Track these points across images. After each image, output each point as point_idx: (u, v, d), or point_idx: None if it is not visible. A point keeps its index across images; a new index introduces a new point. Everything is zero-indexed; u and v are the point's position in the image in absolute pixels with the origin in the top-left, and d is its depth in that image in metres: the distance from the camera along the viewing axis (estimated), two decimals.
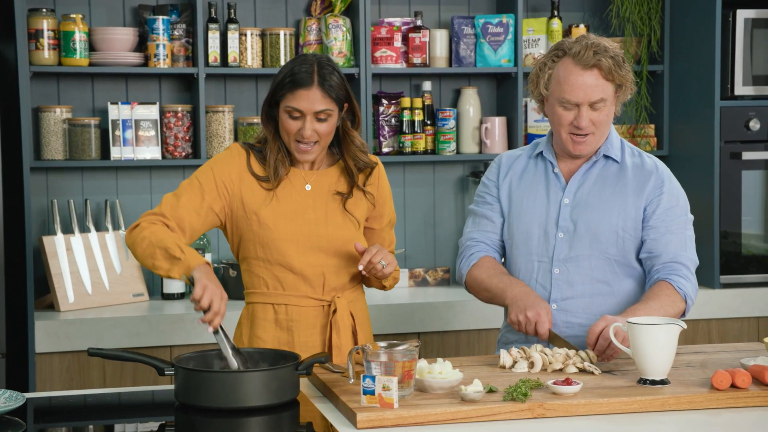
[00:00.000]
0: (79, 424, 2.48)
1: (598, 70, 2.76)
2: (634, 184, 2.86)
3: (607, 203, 2.85)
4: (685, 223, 2.87)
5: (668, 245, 2.81)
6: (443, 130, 4.40)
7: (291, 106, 2.71)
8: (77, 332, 3.75)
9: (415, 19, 4.38)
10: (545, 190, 2.91)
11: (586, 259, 2.84)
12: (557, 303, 2.86)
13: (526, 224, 2.91)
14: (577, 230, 2.85)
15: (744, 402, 2.35)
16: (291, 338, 2.80)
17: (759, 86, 4.27)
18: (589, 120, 2.78)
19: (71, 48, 4.03)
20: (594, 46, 2.76)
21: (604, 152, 2.88)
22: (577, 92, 2.77)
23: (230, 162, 2.80)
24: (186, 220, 2.71)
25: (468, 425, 2.23)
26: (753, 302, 4.25)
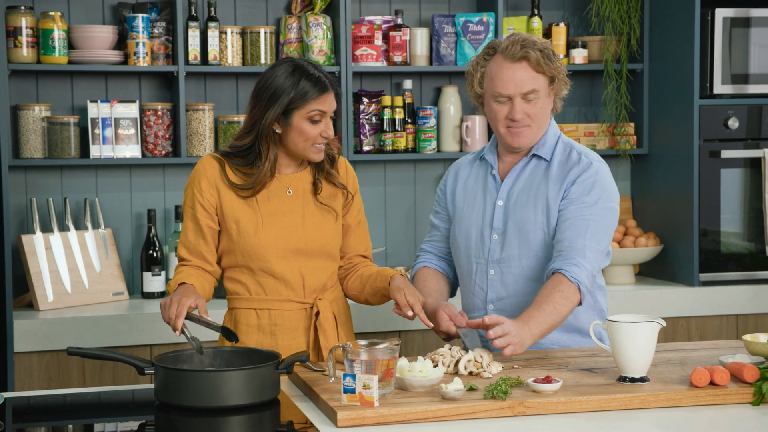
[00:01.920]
0: (59, 423, 2.47)
1: (527, 62, 2.81)
2: (556, 180, 2.88)
3: (533, 202, 2.87)
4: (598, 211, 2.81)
5: (567, 231, 2.79)
6: (424, 128, 4.41)
7: (318, 110, 2.75)
8: (56, 331, 3.74)
9: (395, 18, 4.39)
10: (483, 193, 2.96)
11: (517, 259, 2.87)
12: (494, 303, 2.90)
13: (466, 227, 2.96)
14: (507, 231, 2.88)
15: (723, 399, 2.36)
16: (274, 342, 2.81)
17: (737, 85, 4.29)
18: (523, 112, 2.83)
19: (50, 46, 4.01)
20: (521, 40, 2.83)
21: (535, 151, 2.91)
22: (509, 85, 2.82)
23: (204, 176, 2.82)
24: (201, 250, 2.83)
25: (448, 423, 2.23)
26: (732, 300, 4.27)
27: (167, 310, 2.60)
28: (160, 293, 4.16)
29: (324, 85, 2.76)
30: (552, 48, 2.88)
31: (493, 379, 2.48)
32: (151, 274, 4.14)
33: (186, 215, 2.86)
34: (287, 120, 2.75)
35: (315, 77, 2.75)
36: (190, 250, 2.83)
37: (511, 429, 2.20)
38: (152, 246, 4.16)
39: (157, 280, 4.15)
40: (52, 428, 2.44)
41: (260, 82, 2.79)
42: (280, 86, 2.74)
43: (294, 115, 2.75)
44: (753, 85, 4.30)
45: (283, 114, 2.75)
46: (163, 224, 4.30)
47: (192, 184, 2.84)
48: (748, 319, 4.29)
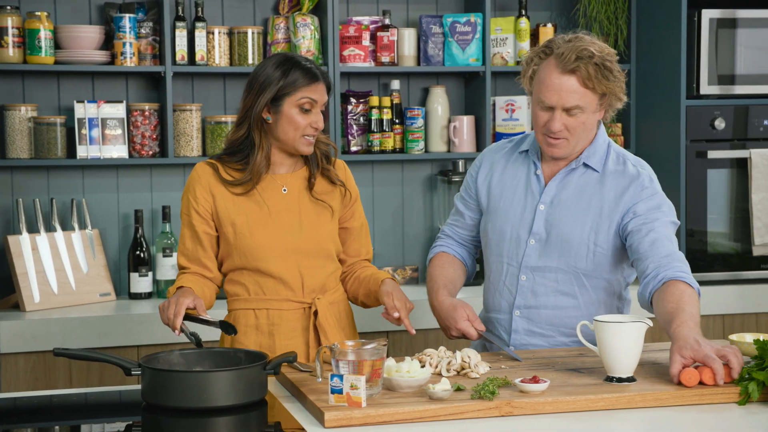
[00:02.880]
0: (45, 424, 2.47)
1: (577, 76, 2.67)
2: (612, 194, 2.78)
3: (582, 215, 2.78)
4: (667, 224, 2.75)
5: (655, 242, 2.68)
6: (412, 128, 4.41)
7: (309, 97, 2.76)
8: (43, 332, 3.72)
9: (383, 18, 4.39)
10: (524, 191, 2.85)
11: (553, 271, 2.80)
12: (520, 310, 2.84)
13: (500, 225, 2.86)
14: (549, 240, 2.79)
15: (709, 399, 2.37)
16: (272, 342, 2.80)
17: (724, 86, 4.30)
18: (562, 124, 2.70)
19: (36, 46, 3.99)
20: (579, 50, 2.66)
21: (585, 160, 2.80)
22: (552, 95, 2.69)
23: (199, 183, 2.83)
24: (199, 257, 2.84)
25: (436, 424, 2.23)
26: (719, 300, 4.28)
27: (166, 311, 2.64)
28: (147, 294, 4.15)
29: (315, 74, 2.77)
30: (612, 60, 2.69)
31: (481, 379, 2.48)
32: (138, 274, 4.13)
33: (183, 223, 2.86)
34: (278, 107, 2.77)
35: (306, 67, 2.78)
36: (188, 258, 2.84)
37: (499, 429, 2.20)
38: (139, 246, 4.15)
39: (144, 281, 4.14)
40: (39, 429, 2.43)
41: (252, 74, 2.82)
42: (271, 74, 2.77)
43: (284, 103, 2.76)
44: (739, 85, 4.31)
45: (273, 102, 2.77)
46: (151, 225, 4.29)
47: (187, 192, 2.85)
48: (735, 318, 4.31)
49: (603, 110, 2.77)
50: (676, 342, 2.43)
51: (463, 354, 2.56)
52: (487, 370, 2.55)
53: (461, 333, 2.80)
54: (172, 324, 2.62)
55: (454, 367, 2.54)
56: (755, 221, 4.29)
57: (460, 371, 2.54)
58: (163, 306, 2.66)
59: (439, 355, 2.59)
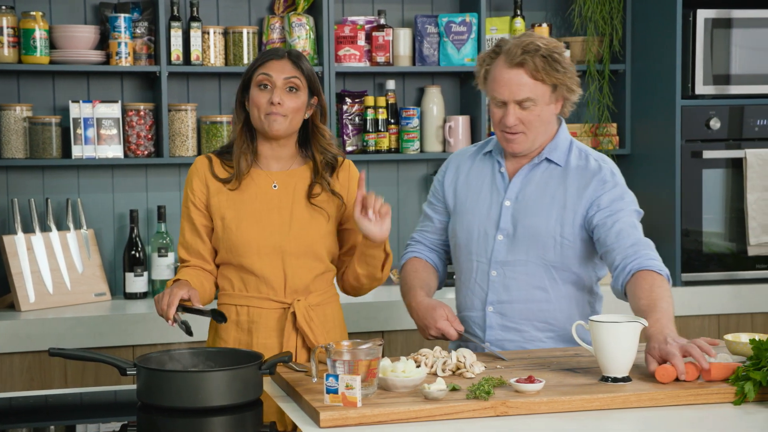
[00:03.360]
0: (40, 424, 2.46)
1: (524, 69, 2.73)
2: (575, 188, 2.83)
3: (547, 208, 2.82)
4: (631, 213, 2.79)
5: (621, 232, 2.74)
6: (407, 128, 4.41)
7: (263, 72, 2.77)
8: (38, 332, 3.72)
9: (378, 18, 4.39)
10: (489, 190, 2.90)
11: (522, 264, 2.83)
12: (494, 306, 2.86)
13: (468, 223, 2.90)
14: (516, 234, 2.83)
15: (705, 399, 2.37)
16: (250, 339, 2.80)
17: (719, 86, 4.31)
18: (516, 118, 2.76)
19: (31, 46, 3.99)
20: (525, 44, 2.73)
21: (546, 155, 2.85)
22: (503, 89, 2.75)
23: (196, 175, 2.86)
24: (199, 249, 2.86)
25: (431, 424, 2.23)
26: (714, 300, 4.29)
27: (160, 302, 2.65)
28: (143, 294, 4.14)
29: (276, 53, 2.80)
30: (560, 52, 2.77)
31: (476, 379, 2.48)
32: (133, 274, 4.13)
33: (183, 215, 2.88)
34: (248, 94, 2.82)
35: (275, 49, 2.82)
36: (188, 250, 2.85)
37: (494, 429, 2.20)
38: (135, 246, 4.14)
39: (139, 281, 4.13)
40: (34, 429, 2.43)
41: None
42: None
43: (251, 87, 2.80)
44: (734, 85, 4.32)
45: (245, 91, 2.82)
46: (146, 225, 4.28)
47: (186, 185, 2.88)
48: (730, 318, 4.31)
49: (559, 103, 2.82)
50: (649, 341, 2.51)
51: (458, 354, 2.56)
52: (482, 370, 2.55)
53: (440, 333, 2.81)
54: (165, 314, 2.62)
55: (449, 367, 2.54)
56: (750, 221, 4.29)
57: (455, 371, 2.54)
58: (158, 298, 2.67)
59: (435, 355, 2.59)
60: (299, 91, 2.79)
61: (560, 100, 2.81)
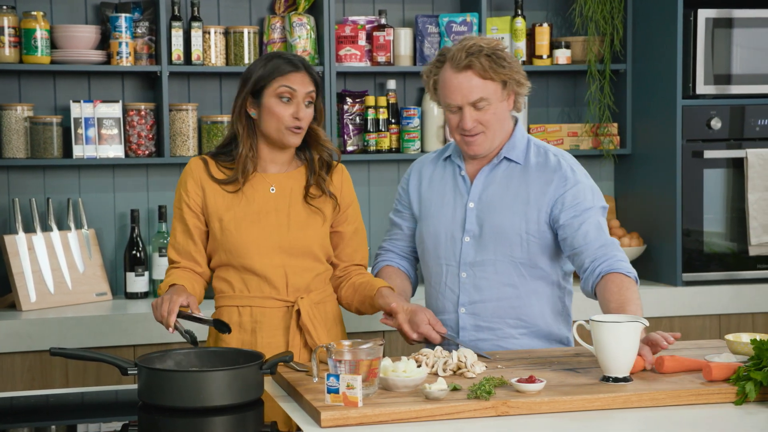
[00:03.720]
0: (42, 424, 2.47)
1: (472, 70, 2.75)
2: (537, 185, 2.85)
3: (511, 206, 2.85)
4: (596, 212, 2.82)
5: (587, 234, 2.78)
6: (408, 128, 4.41)
7: (286, 86, 2.75)
8: (39, 332, 3.72)
9: (379, 18, 4.39)
10: (452, 194, 2.92)
11: (491, 264, 2.85)
12: (465, 307, 2.88)
13: (434, 228, 2.92)
14: (482, 234, 2.85)
15: (706, 399, 2.37)
16: (254, 340, 2.81)
17: (720, 85, 4.30)
18: (474, 120, 2.78)
19: (32, 46, 3.99)
20: (468, 47, 2.76)
21: (505, 154, 2.88)
22: (455, 94, 2.78)
23: (191, 177, 2.84)
24: (190, 251, 2.85)
25: (432, 423, 2.23)
26: (715, 300, 4.29)
27: (159, 308, 2.62)
28: (144, 293, 4.15)
29: (294, 64, 2.77)
30: (502, 49, 2.80)
31: (477, 379, 2.48)
32: (134, 274, 4.13)
33: (175, 217, 2.87)
34: (260, 100, 2.78)
35: (286, 57, 2.79)
36: (179, 252, 2.85)
37: (495, 429, 2.20)
38: (136, 246, 4.14)
39: (140, 281, 4.14)
40: (35, 429, 2.43)
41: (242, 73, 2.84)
42: (253, 67, 2.80)
43: (264, 94, 2.77)
44: (735, 85, 4.31)
45: (255, 95, 2.78)
46: (147, 224, 4.28)
47: (180, 186, 2.86)
48: (731, 318, 4.31)
49: (510, 99, 2.84)
50: None
51: (459, 354, 2.56)
52: (483, 369, 2.55)
53: (423, 337, 2.82)
54: (165, 322, 2.60)
55: (450, 366, 2.54)
56: (751, 221, 4.29)
57: (456, 371, 2.54)
58: (156, 303, 2.65)
59: (436, 355, 2.59)
60: (313, 101, 2.81)
61: (511, 95, 2.83)
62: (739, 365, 2.45)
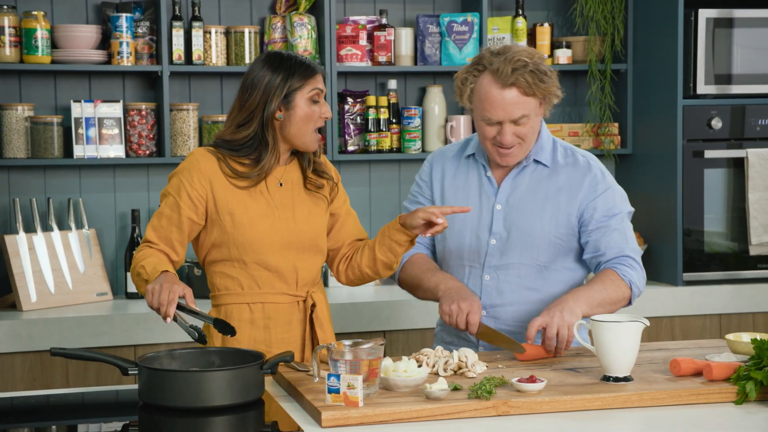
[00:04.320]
0: (42, 424, 2.46)
1: (517, 87, 2.71)
2: (567, 188, 2.84)
3: (539, 210, 2.83)
4: (623, 218, 2.85)
5: (610, 242, 2.80)
6: (409, 128, 4.41)
7: (318, 88, 2.77)
8: (40, 332, 3.72)
9: (380, 18, 4.39)
10: (477, 194, 2.89)
11: (516, 267, 2.84)
12: (487, 310, 2.86)
13: (459, 228, 2.89)
14: (510, 237, 2.84)
15: (706, 398, 2.37)
16: (268, 336, 2.78)
17: (721, 85, 4.30)
18: (513, 135, 2.75)
19: (33, 45, 3.99)
20: (513, 61, 2.70)
21: (534, 157, 2.85)
22: (497, 111, 2.73)
23: (198, 169, 2.77)
24: (171, 238, 2.76)
25: (433, 423, 2.23)
26: (715, 299, 4.29)
27: (157, 295, 2.53)
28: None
29: (314, 66, 2.80)
30: (542, 61, 2.75)
31: (478, 378, 2.48)
32: None
33: (165, 202, 2.78)
34: (289, 103, 2.75)
35: (302, 60, 2.79)
36: (159, 235, 2.76)
37: (496, 428, 2.20)
38: (136, 246, 4.14)
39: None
40: (36, 429, 2.43)
41: (251, 74, 2.77)
42: (275, 72, 2.75)
43: (296, 97, 2.75)
44: (736, 85, 4.32)
45: (285, 99, 2.75)
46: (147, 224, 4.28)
47: (181, 174, 2.78)
48: (732, 318, 4.31)
49: (542, 108, 2.81)
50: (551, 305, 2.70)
51: (460, 353, 2.56)
52: (484, 369, 2.55)
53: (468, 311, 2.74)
54: (164, 311, 2.51)
55: (451, 366, 2.54)
56: (752, 221, 4.29)
57: (456, 371, 2.54)
58: (154, 289, 2.55)
59: (436, 355, 2.59)
60: None
61: (543, 108, 2.81)
62: (739, 365, 2.45)
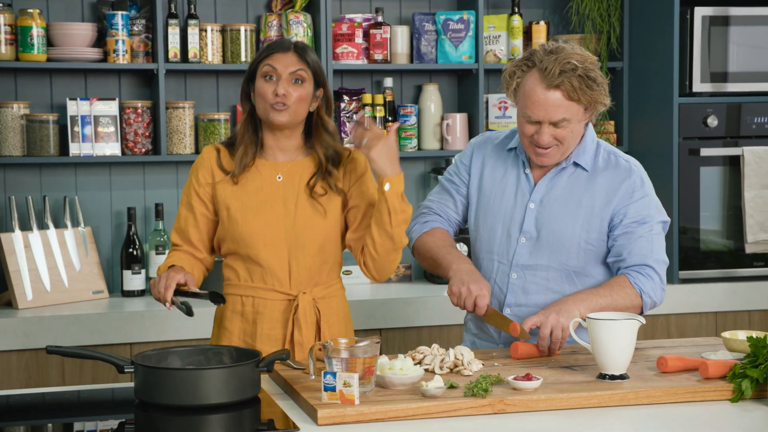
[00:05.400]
0: (38, 422, 2.46)
1: (562, 90, 2.67)
2: (604, 192, 2.80)
3: (573, 213, 2.80)
4: (653, 226, 2.80)
5: (633, 249, 2.77)
6: (405, 126, 4.41)
7: (269, 64, 2.78)
8: (35, 330, 3.72)
9: (376, 16, 4.38)
10: (513, 190, 2.86)
11: (544, 270, 2.82)
12: (511, 308, 2.85)
13: (492, 221, 2.87)
14: (539, 238, 2.81)
15: (702, 396, 2.37)
16: (254, 330, 2.81)
17: (716, 83, 4.31)
18: (550, 136, 2.72)
19: (29, 43, 3.99)
20: (563, 63, 2.66)
21: (575, 159, 2.82)
22: (538, 111, 2.69)
23: (202, 165, 2.88)
24: (191, 237, 2.87)
25: (429, 421, 2.23)
26: (711, 297, 4.29)
27: (156, 286, 2.67)
28: (140, 291, 4.14)
29: (281, 46, 2.80)
30: (595, 68, 2.69)
31: (474, 376, 2.48)
32: (131, 272, 4.13)
33: (182, 202, 2.90)
34: (253, 85, 2.83)
35: (279, 41, 2.84)
36: (181, 236, 2.88)
37: (492, 426, 2.20)
38: (132, 244, 4.14)
39: (137, 279, 4.13)
40: (31, 427, 2.43)
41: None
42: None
43: (256, 78, 2.82)
44: (732, 83, 4.32)
45: (250, 81, 2.83)
46: (144, 222, 4.28)
47: (191, 174, 2.90)
48: (727, 316, 4.32)
49: (587, 114, 2.77)
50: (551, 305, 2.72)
51: (456, 351, 2.56)
52: (480, 367, 2.55)
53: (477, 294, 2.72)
54: (163, 297, 2.65)
55: (447, 364, 2.54)
56: (748, 219, 4.30)
57: (452, 369, 2.54)
58: (154, 282, 2.69)
59: (432, 353, 2.59)
60: (305, 82, 2.80)
61: (590, 112, 2.77)
62: (735, 363, 2.45)
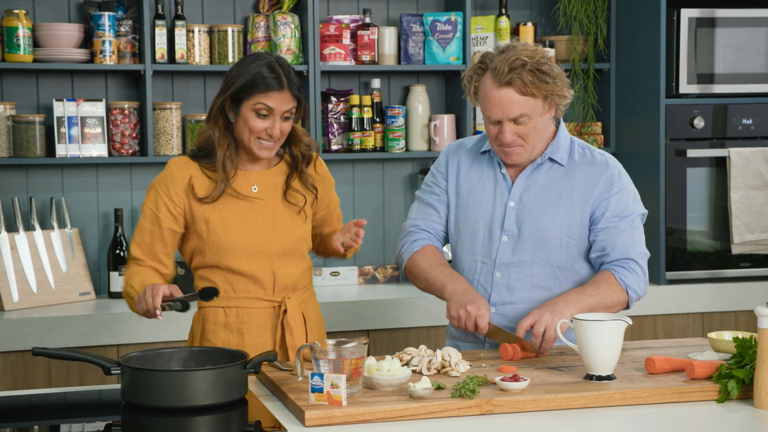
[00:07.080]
0: (24, 424, 2.45)
1: (513, 87, 2.68)
2: (583, 186, 2.82)
3: (553, 208, 2.82)
4: (634, 219, 2.83)
5: (617, 244, 2.79)
6: (392, 127, 4.41)
7: (264, 104, 2.72)
8: (21, 332, 3.71)
9: (363, 17, 4.38)
10: (492, 189, 2.88)
11: (528, 266, 2.82)
12: (496, 307, 2.85)
13: (472, 223, 2.88)
14: (521, 235, 2.82)
15: (688, 397, 2.38)
16: (241, 340, 2.80)
17: (703, 85, 4.32)
18: (513, 134, 2.73)
19: (15, 44, 3.97)
20: (511, 60, 2.68)
21: (550, 155, 2.84)
22: (495, 110, 2.71)
23: (173, 181, 2.80)
24: (156, 252, 2.81)
25: (416, 422, 2.23)
26: (698, 298, 4.30)
27: (142, 301, 2.60)
28: None
29: (277, 83, 2.73)
30: (547, 61, 2.71)
31: (461, 377, 2.48)
32: (118, 273, 4.12)
33: (145, 215, 2.82)
34: (238, 108, 2.76)
35: (274, 74, 2.73)
36: (144, 251, 2.81)
37: (479, 427, 2.20)
38: (119, 245, 4.13)
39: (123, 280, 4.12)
40: (18, 429, 2.42)
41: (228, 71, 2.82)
42: (237, 72, 2.76)
43: (243, 105, 2.75)
44: (718, 84, 4.33)
45: (234, 102, 2.76)
46: (130, 224, 4.27)
47: (158, 187, 2.82)
48: (714, 317, 4.33)
49: (552, 109, 2.78)
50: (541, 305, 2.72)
51: (443, 352, 2.56)
52: (467, 368, 2.56)
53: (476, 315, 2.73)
54: (152, 306, 2.56)
55: (434, 365, 2.54)
56: (734, 220, 4.31)
57: (440, 370, 2.54)
58: (139, 299, 2.62)
59: (420, 354, 2.59)
60: (293, 114, 2.79)
61: (553, 106, 2.77)
62: (721, 363, 2.46)
